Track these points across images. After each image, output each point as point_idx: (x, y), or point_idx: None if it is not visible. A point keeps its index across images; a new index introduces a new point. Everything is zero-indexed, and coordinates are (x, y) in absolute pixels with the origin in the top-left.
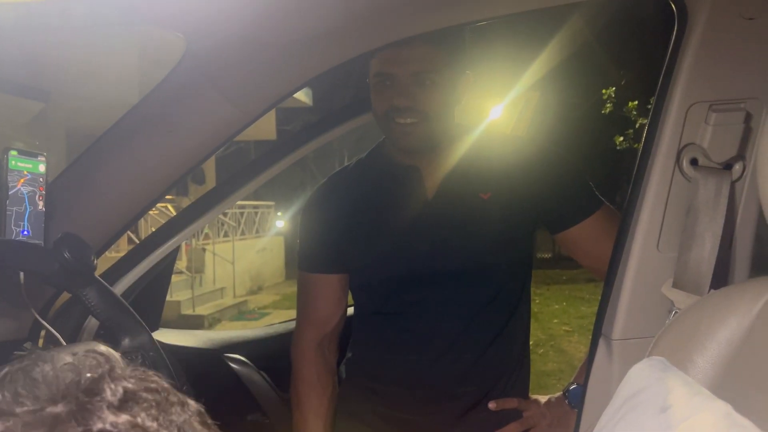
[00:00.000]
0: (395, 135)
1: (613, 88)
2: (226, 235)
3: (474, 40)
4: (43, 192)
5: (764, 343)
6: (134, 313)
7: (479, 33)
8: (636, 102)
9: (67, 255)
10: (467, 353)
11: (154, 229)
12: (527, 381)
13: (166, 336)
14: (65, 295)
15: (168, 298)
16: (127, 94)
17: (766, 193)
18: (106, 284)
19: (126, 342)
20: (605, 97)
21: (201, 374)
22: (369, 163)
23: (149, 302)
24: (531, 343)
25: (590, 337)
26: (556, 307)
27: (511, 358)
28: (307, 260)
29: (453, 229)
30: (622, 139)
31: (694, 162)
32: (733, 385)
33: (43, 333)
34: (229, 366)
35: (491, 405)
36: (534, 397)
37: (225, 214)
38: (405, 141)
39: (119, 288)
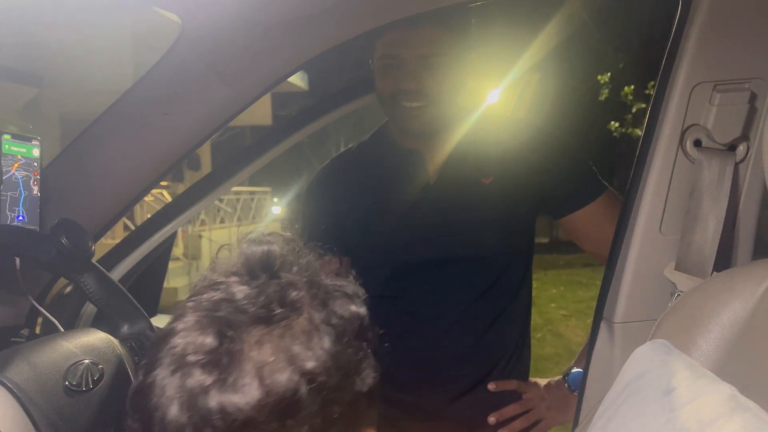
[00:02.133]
0: (401, 118)
1: (609, 74)
2: (222, 221)
3: (476, 21)
4: (38, 177)
5: (767, 326)
6: (132, 299)
7: (479, 15)
8: (632, 87)
9: (64, 241)
10: (467, 336)
11: (149, 216)
12: (527, 364)
13: (164, 322)
14: (62, 281)
15: (165, 285)
16: (122, 77)
17: None
18: (104, 270)
19: (125, 328)
20: (602, 82)
21: None
22: (371, 147)
23: (147, 288)
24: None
25: (588, 321)
26: (554, 291)
27: (512, 341)
28: (308, 243)
29: (455, 214)
30: (618, 125)
31: (697, 143)
32: (736, 367)
33: (40, 319)
34: None
35: (491, 386)
36: (534, 379)
37: (221, 201)
38: (411, 124)
39: (116, 274)
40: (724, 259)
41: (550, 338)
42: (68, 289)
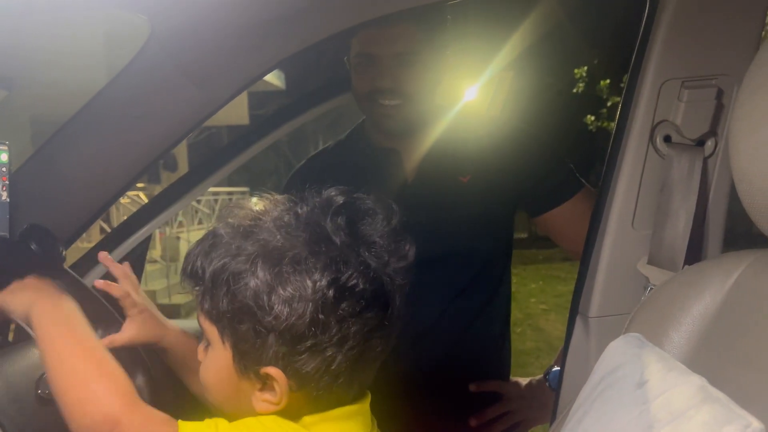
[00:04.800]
0: (378, 117)
1: (585, 68)
2: (200, 222)
3: (452, 19)
4: (6, 182)
5: (737, 317)
6: (106, 303)
7: (455, 12)
8: (608, 81)
9: (33, 247)
10: (447, 335)
11: (126, 218)
12: (508, 362)
13: None
14: None
15: (143, 287)
16: (94, 80)
17: (738, 168)
18: (76, 276)
19: (99, 334)
20: (577, 76)
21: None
22: (348, 145)
23: None
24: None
25: (567, 315)
26: (533, 286)
27: (492, 340)
28: None
29: (432, 212)
30: (594, 118)
31: (667, 139)
32: (707, 359)
33: (12, 326)
34: None
35: (471, 387)
36: (515, 379)
37: (199, 202)
38: (387, 123)
39: (91, 279)
40: (694, 253)
41: (531, 333)
42: None
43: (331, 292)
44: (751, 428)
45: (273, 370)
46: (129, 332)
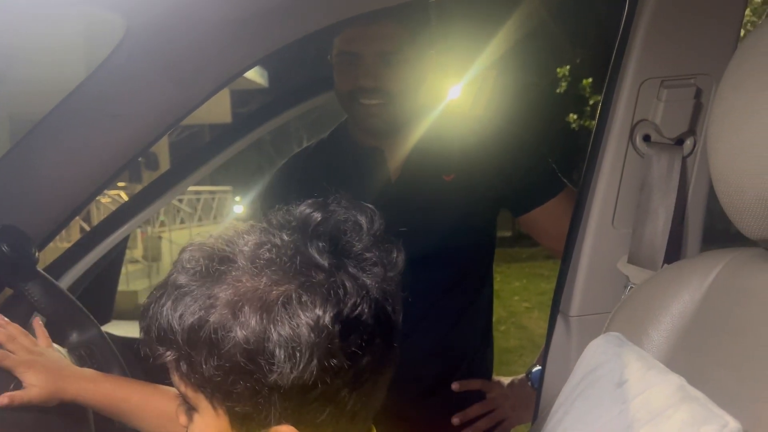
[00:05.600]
0: (360, 116)
1: (568, 67)
2: (182, 222)
3: (436, 18)
4: None
5: (715, 316)
6: (81, 306)
7: (438, 11)
8: (590, 80)
9: (5, 249)
10: (430, 335)
11: (104, 218)
12: (491, 361)
13: (119, 328)
14: (8, 291)
15: (124, 288)
16: (73, 77)
17: (716, 168)
18: (49, 277)
19: (74, 337)
20: (560, 75)
21: (159, 365)
22: (331, 144)
23: (100, 293)
24: (493, 320)
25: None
26: (517, 284)
27: (475, 339)
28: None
29: (416, 212)
30: (576, 117)
31: (647, 138)
32: (687, 357)
33: None
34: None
35: (454, 386)
36: (497, 378)
37: (181, 201)
38: (370, 122)
39: (68, 279)
40: (674, 252)
41: (514, 330)
42: (13, 298)
43: (336, 328)
44: (728, 428)
45: (286, 428)
46: (28, 390)
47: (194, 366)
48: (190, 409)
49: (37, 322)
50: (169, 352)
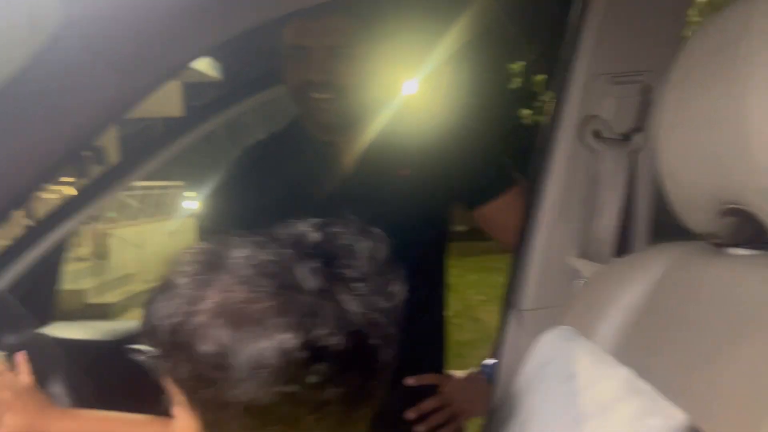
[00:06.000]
0: (311, 110)
1: (523, 63)
2: (132, 218)
3: (388, 12)
4: None
5: (664, 309)
6: (18, 306)
7: (391, 4)
8: (545, 76)
9: None
10: None
11: (45, 213)
12: (444, 355)
13: (61, 329)
14: None
15: (71, 286)
16: (9, 69)
17: (662, 163)
18: None
19: (9, 339)
20: (514, 71)
21: (100, 367)
22: (285, 138)
23: (40, 294)
24: (449, 314)
25: None
26: (472, 277)
27: (428, 333)
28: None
29: (372, 207)
30: (531, 112)
31: (597, 134)
32: (636, 351)
33: None
34: (132, 357)
35: (409, 381)
36: (451, 372)
37: (131, 196)
38: (321, 117)
39: (4, 280)
40: (623, 246)
41: (470, 324)
42: None
43: (303, 355)
44: (675, 420)
45: None
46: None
47: (174, 365)
48: (176, 405)
49: (21, 356)
50: (155, 349)
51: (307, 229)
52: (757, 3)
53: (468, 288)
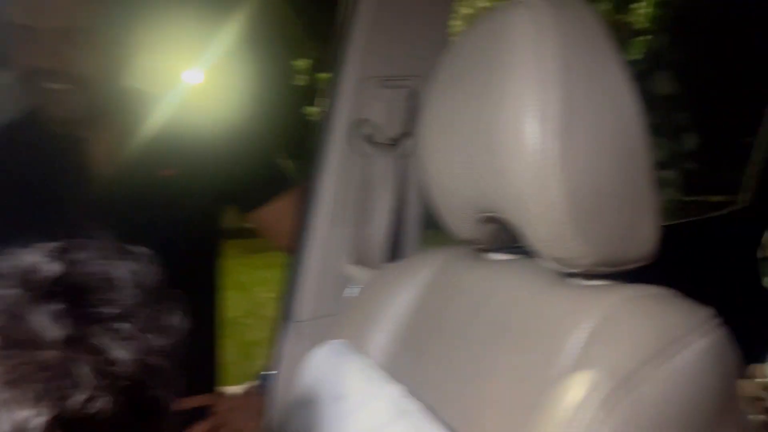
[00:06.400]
0: (42, 102)
1: (308, 60)
2: None
3: None
4: None
5: (432, 316)
6: None
7: None
8: (328, 74)
9: None
10: None
11: None
12: (217, 373)
13: None
14: None
15: None
16: None
17: (426, 169)
18: None
19: None
20: (299, 68)
21: None
22: (24, 129)
23: None
24: (239, 314)
25: None
26: (261, 274)
27: (196, 347)
28: None
29: (131, 210)
30: (316, 110)
31: (368, 138)
32: (410, 360)
33: None
34: None
35: (173, 406)
36: (225, 389)
37: None
38: (55, 110)
39: None
40: (395, 251)
41: (260, 323)
42: None
43: None
44: None
45: None
46: None
47: None
48: None
49: None
50: None
51: (40, 258)
52: (512, 14)
53: (257, 285)
